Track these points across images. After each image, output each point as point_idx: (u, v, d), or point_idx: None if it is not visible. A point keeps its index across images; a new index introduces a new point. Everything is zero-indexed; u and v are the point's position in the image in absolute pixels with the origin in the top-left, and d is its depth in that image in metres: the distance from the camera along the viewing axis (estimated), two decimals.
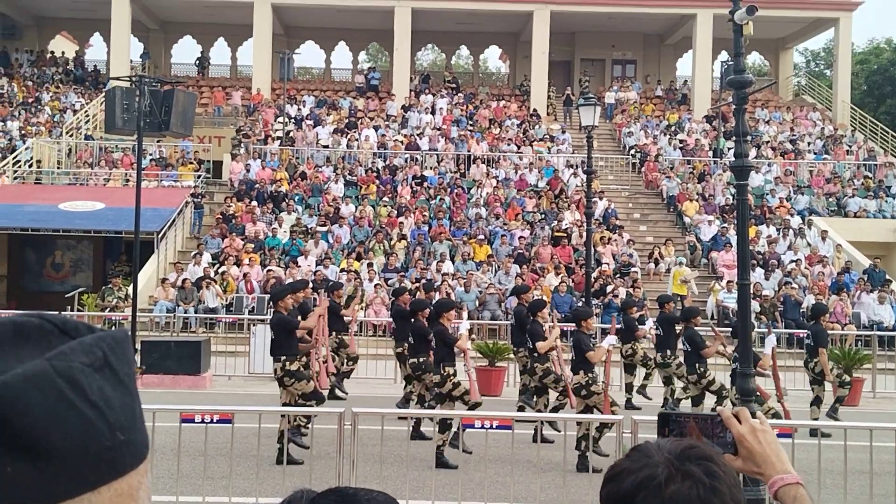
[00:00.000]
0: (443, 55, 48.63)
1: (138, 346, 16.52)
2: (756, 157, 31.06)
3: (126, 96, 16.33)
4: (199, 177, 29.63)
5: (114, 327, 19.43)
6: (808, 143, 34.59)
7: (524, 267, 24.01)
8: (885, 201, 29.85)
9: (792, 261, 25.39)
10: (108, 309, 21.71)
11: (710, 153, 32.98)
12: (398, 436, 10.55)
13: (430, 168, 30.99)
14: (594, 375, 11.34)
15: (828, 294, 23.44)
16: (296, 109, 35.24)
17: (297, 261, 24.10)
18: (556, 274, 23.86)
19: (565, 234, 26.23)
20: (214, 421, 8.45)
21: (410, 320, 12.67)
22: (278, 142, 32.27)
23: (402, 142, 32.45)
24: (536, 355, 12.23)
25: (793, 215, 28.34)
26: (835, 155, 33.44)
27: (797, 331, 20.48)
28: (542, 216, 27.52)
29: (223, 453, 9.43)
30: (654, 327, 15.53)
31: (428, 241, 25.71)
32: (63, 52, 42.22)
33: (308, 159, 31.28)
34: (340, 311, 15.73)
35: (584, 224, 22.21)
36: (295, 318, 11.54)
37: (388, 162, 31.06)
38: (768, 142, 34.29)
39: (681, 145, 33.62)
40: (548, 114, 37.20)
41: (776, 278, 24.42)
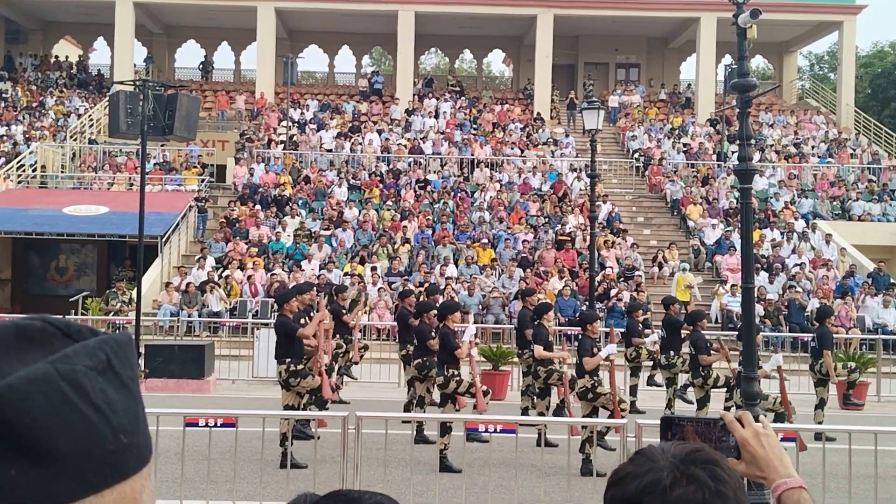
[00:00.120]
0: (446, 59, 48.70)
1: (142, 349, 16.52)
2: (760, 161, 31.02)
3: (130, 100, 16.34)
4: (202, 181, 29.65)
5: (117, 331, 19.40)
6: (812, 147, 34.56)
7: (528, 271, 24.00)
8: (890, 204, 29.81)
9: (796, 264, 25.35)
10: (112, 313, 21.71)
11: (714, 157, 32.96)
12: (402, 439, 10.54)
13: (434, 172, 31.00)
14: (599, 378, 11.33)
15: (832, 297, 23.40)
16: (299, 113, 35.27)
17: (301, 265, 24.10)
18: (559, 278, 23.84)
19: (569, 238, 26.22)
20: (218, 425, 8.44)
21: (415, 322, 12.70)
22: (282, 146, 32.30)
23: (405, 146, 32.46)
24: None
25: (797, 219, 28.30)
26: (839, 158, 33.40)
27: (801, 334, 20.47)
28: (546, 220, 27.51)
29: (227, 457, 9.43)
30: (656, 341, 15.61)
31: (431, 245, 25.70)
32: (67, 57, 42.31)
33: (311, 163, 31.29)
34: (343, 314, 15.73)
35: (588, 228, 22.20)
36: (298, 322, 11.51)
37: (391, 166, 31.07)
38: (772, 145, 34.26)
39: (684, 149, 33.60)
40: (551, 117, 37.22)
41: (780, 282, 24.39)
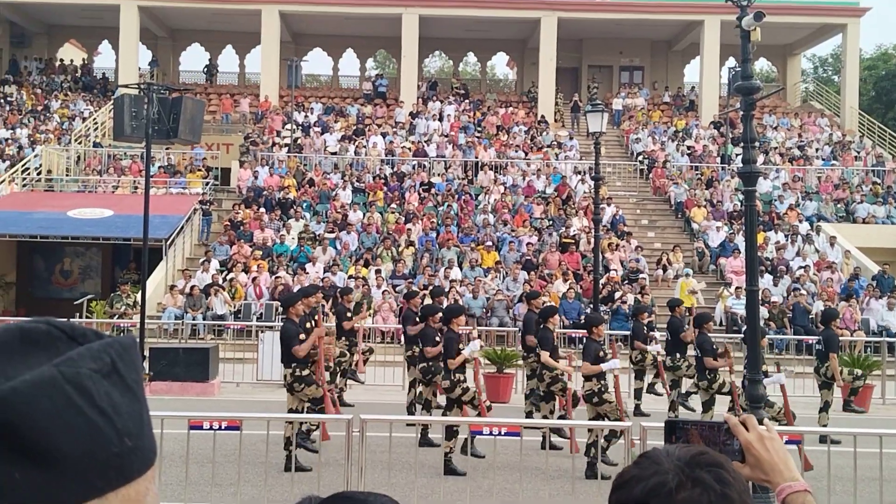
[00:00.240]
0: (450, 62, 48.72)
1: (147, 352, 16.53)
2: (764, 163, 31.00)
3: (134, 104, 16.37)
4: (207, 184, 29.67)
5: (122, 334, 19.40)
6: (817, 149, 34.53)
7: (532, 273, 23.98)
8: (894, 207, 29.76)
9: (800, 267, 25.32)
10: (117, 316, 21.73)
11: (718, 159, 32.94)
12: (406, 442, 10.54)
13: (438, 175, 31.01)
14: (605, 383, 11.28)
15: (837, 300, 23.38)
16: (303, 116, 35.30)
17: (305, 267, 24.12)
18: (563, 280, 23.83)
19: (573, 241, 26.21)
20: (223, 428, 8.45)
21: (415, 330, 12.70)
22: (286, 149, 32.33)
23: (409, 148, 32.48)
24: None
25: (801, 221, 28.27)
26: (843, 161, 33.36)
27: (806, 337, 20.44)
28: (550, 222, 27.50)
29: (231, 460, 9.43)
30: (660, 351, 15.63)
31: (436, 248, 25.70)
32: (72, 60, 42.39)
33: (316, 166, 31.33)
34: (348, 317, 15.75)
35: (592, 230, 22.18)
36: (304, 325, 11.46)
37: (395, 169, 31.09)
38: (776, 148, 34.23)
39: (688, 151, 33.58)
40: (555, 120, 37.21)
41: (785, 284, 24.37)
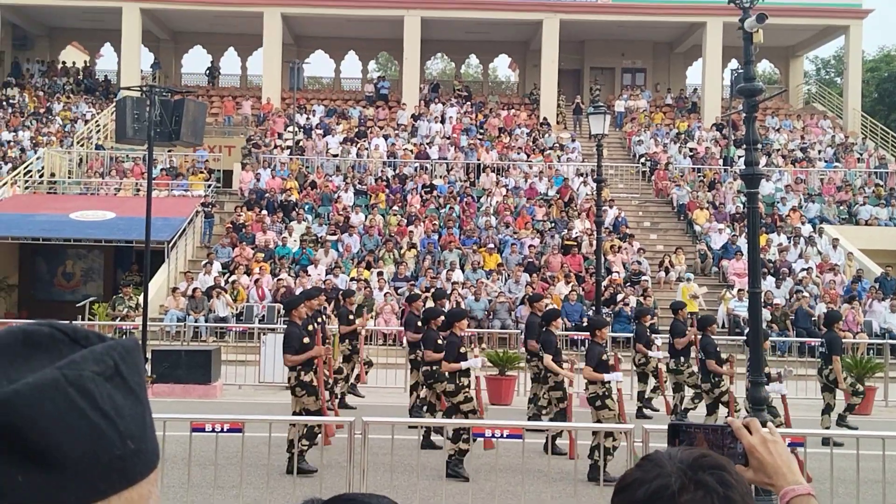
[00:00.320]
0: (452, 64, 48.72)
1: (149, 355, 16.54)
2: (766, 166, 31.01)
3: (137, 106, 16.39)
4: (209, 186, 29.70)
5: (124, 336, 19.33)
6: (819, 151, 34.50)
7: (534, 275, 23.98)
8: None
9: (803, 269, 25.30)
10: (119, 318, 21.75)
11: (721, 161, 32.92)
12: (408, 445, 10.53)
13: (440, 177, 31.01)
14: (609, 387, 11.27)
15: (839, 302, 23.35)
16: (305, 119, 35.32)
17: (307, 270, 24.12)
18: (566, 282, 23.82)
19: (575, 243, 26.21)
20: (225, 430, 8.45)
21: (417, 337, 12.68)
22: (288, 151, 32.35)
23: (411, 151, 32.49)
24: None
25: (804, 223, 28.25)
26: (845, 163, 33.34)
27: (809, 339, 20.42)
28: (552, 225, 27.50)
29: (233, 462, 9.42)
30: (661, 359, 15.62)
31: (438, 250, 25.70)
32: (74, 63, 42.44)
33: (318, 168, 31.35)
34: (349, 320, 15.76)
35: (594, 232, 22.19)
36: (307, 328, 11.43)
37: (397, 171, 31.10)
38: (779, 150, 34.21)
39: (691, 153, 33.57)
40: (557, 122, 37.21)
41: (787, 286, 24.35)
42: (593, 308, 20.57)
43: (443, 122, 35.29)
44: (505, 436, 8.79)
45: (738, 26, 10.55)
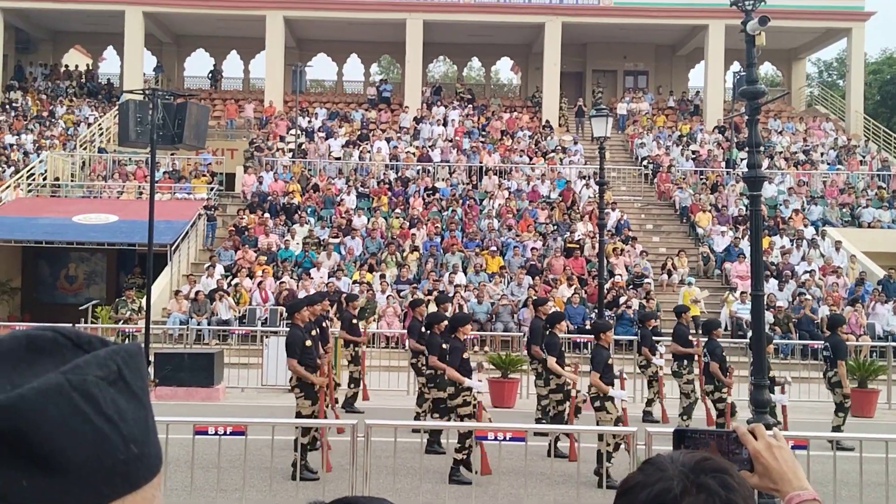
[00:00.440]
0: (454, 67, 48.73)
1: (152, 358, 16.55)
2: (769, 168, 30.98)
3: (139, 109, 16.40)
4: (211, 189, 29.72)
5: (127, 339, 19.26)
6: (822, 154, 34.48)
7: (537, 278, 23.97)
8: None
9: (806, 271, 25.27)
10: (122, 321, 21.73)
11: (723, 164, 32.91)
12: (411, 448, 10.53)
13: (443, 180, 31.02)
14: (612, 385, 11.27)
15: (842, 305, 23.32)
16: (308, 122, 35.35)
17: (310, 272, 24.12)
18: (568, 285, 23.81)
19: (578, 246, 26.19)
20: (228, 433, 8.45)
21: (419, 347, 12.69)
22: (291, 154, 32.38)
23: (414, 153, 32.50)
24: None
25: (806, 226, 28.22)
26: (848, 165, 33.32)
27: (811, 342, 20.40)
28: (555, 227, 27.49)
29: (236, 465, 9.43)
30: (661, 366, 15.61)
31: (440, 253, 25.70)
32: (77, 66, 42.51)
33: (320, 171, 31.36)
34: (352, 323, 15.76)
35: (597, 235, 22.18)
36: (310, 332, 11.43)
37: (400, 174, 31.11)
38: (781, 152, 34.20)
39: (693, 156, 33.57)
40: (560, 125, 37.22)
41: (790, 289, 24.32)
42: (596, 311, 20.56)
43: (445, 124, 35.30)
44: (508, 439, 8.79)
45: (741, 29, 10.55)
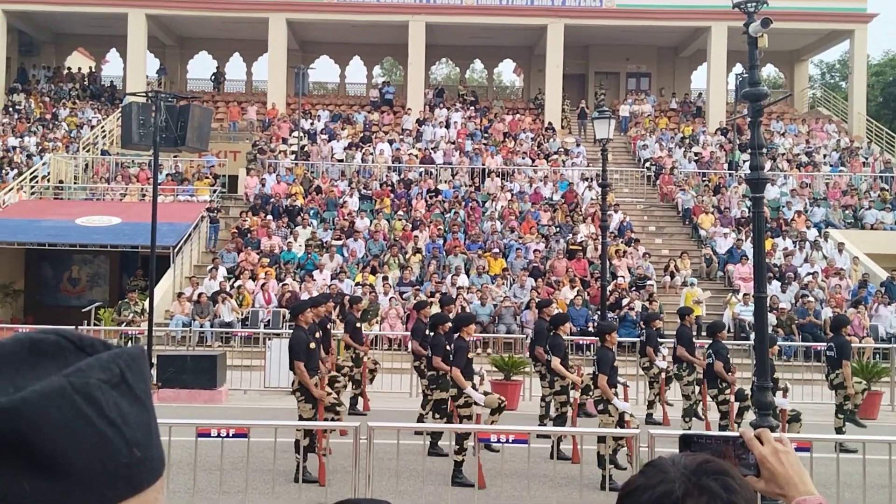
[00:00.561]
0: (457, 69, 48.76)
1: (154, 360, 16.55)
2: (771, 170, 30.95)
3: (142, 112, 16.42)
4: (214, 191, 29.73)
5: (130, 342, 19.25)
6: (824, 155, 34.46)
7: (539, 280, 23.97)
8: None
9: (808, 273, 25.25)
10: (125, 323, 21.75)
11: (726, 166, 32.90)
12: (414, 450, 10.53)
13: (445, 182, 31.02)
14: (617, 392, 11.24)
15: (845, 307, 23.30)
16: (310, 124, 35.37)
17: (313, 275, 24.13)
18: (571, 287, 23.80)
19: (580, 248, 26.18)
20: (230, 435, 8.46)
21: (430, 334, 12.70)
22: (293, 156, 32.39)
23: (416, 155, 32.51)
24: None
25: (809, 228, 28.20)
26: (851, 167, 33.29)
27: (814, 344, 20.39)
28: (557, 229, 27.48)
29: (239, 467, 9.43)
30: (664, 368, 15.62)
31: (443, 255, 25.70)
32: (80, 68, 42.53)
33: (323, 173, 31.36)
34: (356, 326, 15.76)
35: (600, 237, 22.17)
36: (313, 335, 11.42)
37: (402, 176, 31.11)
38: (784, 154, 34.19)
39: (696, 158, 33.56)
40: (562, 127, 37.22)
41: (793, 291, 24.30)
42: (598, 313, 20.55)
43: (448, 126, 35.32)
44: (511, 441, 8.79)
45: (743, 31, 10.55)
